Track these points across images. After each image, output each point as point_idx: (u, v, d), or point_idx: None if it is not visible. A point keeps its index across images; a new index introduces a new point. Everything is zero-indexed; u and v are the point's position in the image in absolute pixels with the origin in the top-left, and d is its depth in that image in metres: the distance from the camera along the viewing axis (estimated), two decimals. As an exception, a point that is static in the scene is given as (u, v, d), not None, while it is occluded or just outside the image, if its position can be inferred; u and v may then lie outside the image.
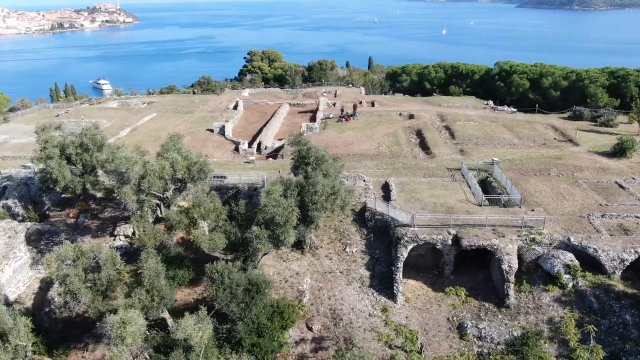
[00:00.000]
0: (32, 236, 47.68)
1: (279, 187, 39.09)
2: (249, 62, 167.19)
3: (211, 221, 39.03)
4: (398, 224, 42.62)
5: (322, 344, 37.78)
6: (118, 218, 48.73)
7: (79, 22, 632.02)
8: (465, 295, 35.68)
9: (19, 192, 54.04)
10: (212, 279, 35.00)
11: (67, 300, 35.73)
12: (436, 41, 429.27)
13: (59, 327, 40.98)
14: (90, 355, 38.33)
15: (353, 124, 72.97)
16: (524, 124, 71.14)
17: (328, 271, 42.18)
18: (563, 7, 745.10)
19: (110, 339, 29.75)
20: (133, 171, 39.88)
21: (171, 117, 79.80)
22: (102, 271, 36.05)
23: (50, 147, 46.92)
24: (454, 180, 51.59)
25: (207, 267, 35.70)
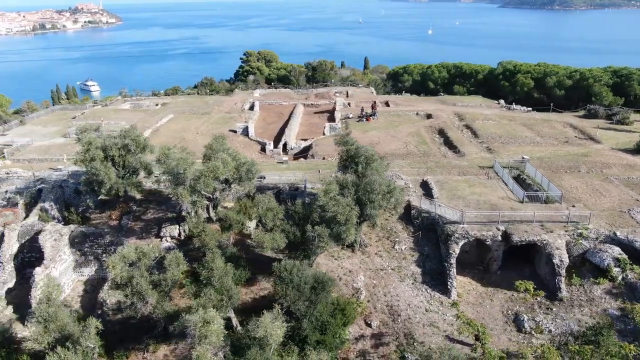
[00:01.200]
0: (76, 239, 47.56)
1: (335, 186, 39.70)
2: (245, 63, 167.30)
3: (269, 221, 39.34)
4: (446, 221, 43.53)
5: (382, 339, 38.42)
6: (162, 219, 48.79)
7: (61, 23, 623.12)
8: (533, 288, 36.59)
9: (55, 195, 53.70)
10: (280, 277, 35.41)
11: (133, 302, 35.90)
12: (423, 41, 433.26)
13: (115, 328, 40.95)
14: (151, 356, 38.40)
15: (374, 124, 73.82)
16: (542, 122, 72.69)
17: (380, 268, 42.88)
18: (544, 7, 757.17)
19: (194, 338, 30.00)
20: (189, 172, 40.09)
21: (189, 118, 79.73)
22: (167, 272, 36.26)
23: (93, 148, 46.77)
24: (489, 178, 52.66)
25: (275, 266, 36.13)
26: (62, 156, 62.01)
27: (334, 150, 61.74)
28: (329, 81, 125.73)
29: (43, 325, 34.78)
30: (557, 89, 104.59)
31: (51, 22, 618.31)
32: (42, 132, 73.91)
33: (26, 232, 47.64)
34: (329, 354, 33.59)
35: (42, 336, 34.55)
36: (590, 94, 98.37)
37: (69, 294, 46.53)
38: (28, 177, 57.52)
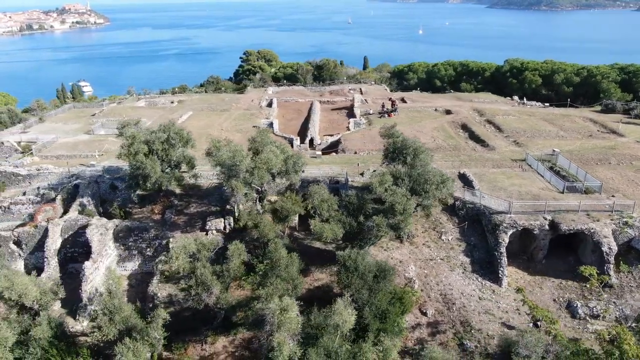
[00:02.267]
0: (120, 233, 47.44)
1: (389, 177, 40.20)
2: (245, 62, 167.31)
3: (325, 211, 39.64)
4: (493, 212, 44.24)
5: (438, 327, 38.94)
6: (205, 213, 48.89)
7: (49, 24, 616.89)
8: (597, 273, 37.39)
9: (91, 190, 53.50)
10: (345, 265, 35.79)
11: (198, 292, 36.03)
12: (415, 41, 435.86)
13: (168, 321, 40.92)
14: (210, 347, 38.51)
15: (396, 120, 74.30)
16: (561, 117, 73.86)
17: (429, 258, 43.43)
18: (531, 8, 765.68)
19: (272, 326, 30.27)
20: (243, 164, 40.29)
21: (209, 115, 79.71)
22: (230, 262, 36.46)
23: (137, 142, 46.74)
24: (524, 171, 53.52)
25: (339, 255, 36.53)
26: (94, 152, 61.74)
27: (364, 145, 62.63)
28: (336, 79, 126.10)
29: (108, 318, 34.88)
30: (565, 86, 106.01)
31: (38, 22, 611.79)
32: (64, 129, 73.40)
33: (70, 227, 47.53)
34: (395, 341, 33.97)
35: (107, 328, 34.62)
36: (599, 90, 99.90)
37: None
38: (60, 173, 57.30)
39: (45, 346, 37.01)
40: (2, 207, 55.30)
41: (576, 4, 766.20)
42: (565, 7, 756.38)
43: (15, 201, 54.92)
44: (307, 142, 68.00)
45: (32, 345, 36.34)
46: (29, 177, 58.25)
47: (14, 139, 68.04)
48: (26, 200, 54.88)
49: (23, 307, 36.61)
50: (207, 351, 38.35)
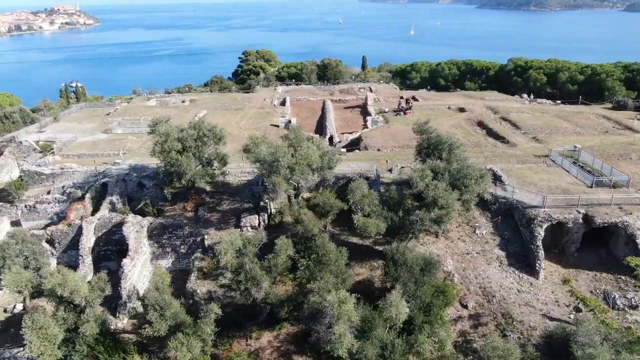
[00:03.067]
0: (155, 230, 47.49)
1: (429, 172, 40.65)
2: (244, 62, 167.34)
3: (366, 206, 39.97)
4: (526, 206, 44.89)
5: (479, 320, 39.46)
6: (238, 210, 49.05)
7: (37, 24, 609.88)
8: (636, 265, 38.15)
9: (119, 188, 53.43)
10: (393, 259, 36.18)
11: (247, 287, 36.20)
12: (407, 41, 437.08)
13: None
14: (255, 342, 38.63)
15: (412, 118, 74.82)
16: (575, 114, 74.89)
17: (465, 252, 43.97)
18: (520, 8, 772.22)
19: (332, 318, 30.56)
20: (285, 160, 40.53)
21: (224, 113, 79.73)
22: (278, 257, 36.68)
23: (171, 140, 46.79)
24: (548, 166, 54.29)
25: (386, 248, 36.92)
26: (116, 151, 61.56)
27: (386, 142, 63.14)
28: (341, 79, 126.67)
29: (159, 313, 34.94)
30: (569, 84, 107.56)
31: (27, 23, 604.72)
32: (80, 128, 73.06)
33: (103, 225, 47.48)
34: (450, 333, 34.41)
35: (158, 323, 34.67)
36: (603, 88, 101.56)
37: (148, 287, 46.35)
38: (85, 172, 57.16)
39: (91, 343, 37.03)
40: (27, 206, 55.10)
41: (564, 4, 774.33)
42: (553, 8, 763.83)
43: (41, 200, 54.74)
44: (326, 140, 68.28)
45: (78, 343, 36.33)
46: (53, 176, 58.05)
47: (32, 138, 67.61)
48: (52, 199, 54.70)
49: (69, 304, 36.52)
50: (252, 346, 38.47)
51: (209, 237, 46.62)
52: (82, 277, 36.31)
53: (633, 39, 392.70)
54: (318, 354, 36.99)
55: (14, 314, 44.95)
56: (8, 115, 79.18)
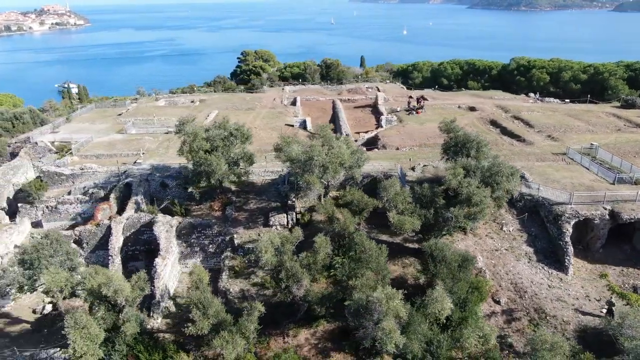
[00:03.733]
0: (183, 230, 47.59)
1: (460, 169, 41.16)
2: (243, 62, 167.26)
3: (400, 204, 40.37)
4: (553, 203, 45.53)
5: (512, 315, 40.00)
6: (265, 209, 49.28)
7: (27, 25, 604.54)
8: None
9: (143, 188, 53.45)
10: (432, 255, 36.63)
11: (288, 285, 36.45)
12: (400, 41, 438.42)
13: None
14: (292, 340, 38.84)
15: (425, 117, 75.59)
16: (585, 113, 75.88)
17: (494, 249, 44.52)
18: (511, 8, 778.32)
19: (381, 314, 30.93)
20: (320, 158, 40.84)
21: (237, 113, 79.56)
22: (317, 255, 36.97)
23: (199, 139, 46.92)
24: (568, 164, 55.07)
25: (424, 245, 37.32)
26: (134, 151, 61.51)
27: (403, 141, 63.66)
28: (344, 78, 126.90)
29: (202, 312, 35.08)
30: (572, 83, 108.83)
31: (16, 24, 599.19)
32: (93, 128, 72.81)
33: (132, 225, 47.53)
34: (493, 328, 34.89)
35: (201, 322, 34.81)
36: (606, 87, 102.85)
37: (177, 286, 46.54)
38: (106, 172, 57.13)
39: (130, 342, 37.11)
40: (49, 206, 55.03)
41: (554, 4, 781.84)
42: (543, 8, 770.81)
43: (63, 201, 54.70)
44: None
45: (117, 342, 36.37)
46: (72, 176, 57.96)
47: (47, 139, 67.32)
48: (74, 200, 54.67)
49: (109, 303, 36.54)
50: (289, 344, 38.66)
51: (238, 236, 46.83)
52: (122, 277, 36.24)
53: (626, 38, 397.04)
54: (356, 350, 37.51)
55: (44, 315, 44.89)
56: (18, 116, 78.59)
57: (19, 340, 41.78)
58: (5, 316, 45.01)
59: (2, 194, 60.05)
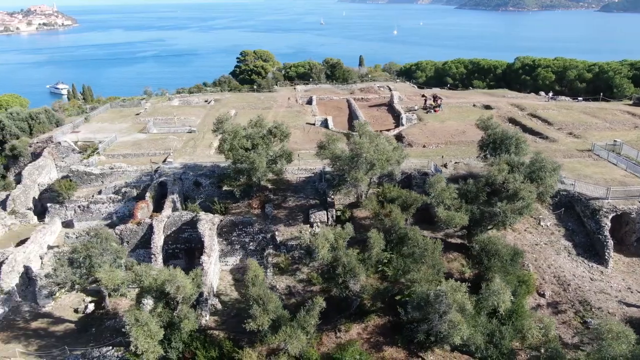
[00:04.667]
0: (224, 228, 47.74)
1: (505, 165, 41.90)
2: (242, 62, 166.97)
3: (447, 200, 40.95)
4: (589, 198, 46.48)
5: (558, 307, 40.86)
6: (304, 206, 49.64)
7: (14, 25, 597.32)
8: None
9: (178, 187, 53.51)
10: (485, 249, 37.28)
11: (345, 280, 36.87)
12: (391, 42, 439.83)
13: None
14: (344, 334, 39.23)
15: (443, 115, 76.39)
16: (599, 110, 77.18)
17: (534, 243, 45.34)
18: (499, 9, 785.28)
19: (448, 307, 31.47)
20: (368, 155, 41.32)
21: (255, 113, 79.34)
22: (372, 250, 37.44)
23: (240, 137, 47.15)
24: (595, 160, 56.13)
25: (478, 239, 38.02)
26: (164, 150, 61.61)
27: (428, 139, 64.42)
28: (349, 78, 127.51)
29: (262, 308, 35.35)
30: (577, 82, 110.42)
31: (3, 24, 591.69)
32: (113, 128, 72.58)
33: (173, 223, 47.64)
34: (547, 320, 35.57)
35: (262, 317, 35.10)
36: (611, 85, 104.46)
37: (219, 284, 46.67)
38: (135, 171, 57.14)
39: (186, 340, 37.27)
40: (81, 206, 54.90)
41: (541, 4, 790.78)
42: (531, 8, 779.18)
43: (95, 200, 54.60)
44: (365, 137, 69.04)
45: (174, 339, 36.52)
46: (102, 176, 57.81)
47: (70, 138, 66.94)
48: (106, 199, 54.61)
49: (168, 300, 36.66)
50: (342, 339, 39.06)
51: (279, 234, 47.14)
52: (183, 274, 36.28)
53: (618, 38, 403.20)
54: (408, 344, 38.10)
55: (86, 314, 44.73)
56: (34, 116, 77.86)
57: (65, 339, 41.71)
58: (47, 316, 44.83)
59: (29, 194, 59.84)
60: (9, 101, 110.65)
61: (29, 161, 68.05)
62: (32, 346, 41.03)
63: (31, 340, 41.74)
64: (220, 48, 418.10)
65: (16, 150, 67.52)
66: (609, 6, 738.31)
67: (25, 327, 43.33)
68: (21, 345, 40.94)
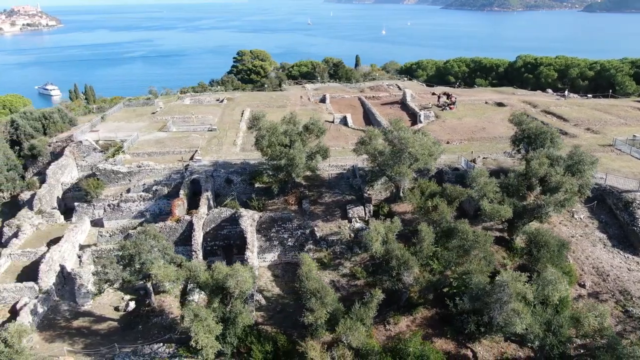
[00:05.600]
0: (264, 224, 47.91)
1: (545, 159, 42.74)
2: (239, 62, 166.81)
3: (490, 193, 41.63)
4: (621, 190, 47.58)
5: (598, 297, 41.75)
6: (341, 202, 50.04)
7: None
8: None
9: (210, 184, 53.56)
10: (535, 241, 38.05)
11: (399, 272, 37.34)
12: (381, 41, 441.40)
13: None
14: (393, 327, 39.75)
15: (459, 112, 77.31)
16: (610, 107, 78.75)
17: (570, 235, 46.24)
18: (484, 9, 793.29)
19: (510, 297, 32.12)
20: (414, 149, 41.87)
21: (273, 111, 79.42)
22: (423, 243, 37.97)
23: (278, 133, 47.40)
24: (618, 154, 57.39)
25: (523, 232, 38.72)
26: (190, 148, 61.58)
27: (450, 136, 65.26)
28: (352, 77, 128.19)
29: (320, 301, 35.68)
30: (579, 80, 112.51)
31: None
32: (131, 127, 72.21)
33: (212, 220, 47.75)
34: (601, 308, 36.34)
35: (320, 310, 35.44)
36: (613, 83, 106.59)
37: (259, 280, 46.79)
38: (163, 169, 57.07)
39: (240, 335, 37.45)
40: (111, 205, 54.68)
41: (525, 5, 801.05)
42: (515, 8, 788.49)
43: (126, 198, 54.40)
44: (386, 134, 69.64)
45: (228, 335, 36.68)
46: (129, 174, 57.60)
47: (91, 137, 66.44)
48: (137, 197, 54.45)
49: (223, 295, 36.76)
50: (391, 331, 39.59)
51: (318, 229, 47.47)
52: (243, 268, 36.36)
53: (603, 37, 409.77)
54: (457, 335, 38.74)
55: (128, 312, 44.52)
56: (47, 116, 77.06)
57: (111, 337, 41.54)
58: (88, 315, 44.55)
59: (53, 193, 59.41)
60: (13, 101, 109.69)
61: (47, 161, 67.57)
62: (77, 345, 40.76)
63: (75, 339, 41.44)
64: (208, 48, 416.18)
65: (35, 149, 66.86)
66: (592, 6, 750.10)
67: (67, 326, 43.00)
68: (66, 344, 40.71)
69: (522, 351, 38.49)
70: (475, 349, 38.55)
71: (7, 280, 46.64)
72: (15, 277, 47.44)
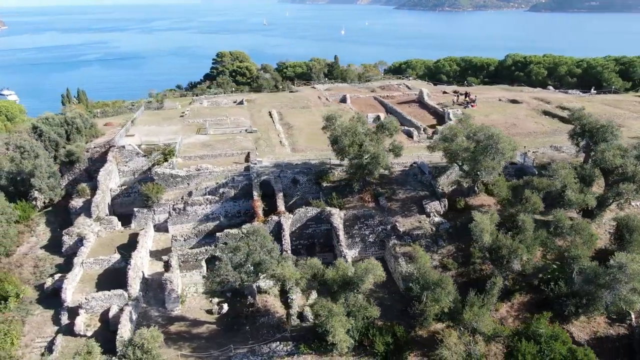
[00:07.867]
0: (347, 222, 49.07)
1: (617, 151, 45.98)
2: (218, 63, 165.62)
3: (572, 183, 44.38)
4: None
5: None
6: (415, 197, 51.76)
7: None
8: None
9: (279, 185, 54.16)
10: (627, 226, 41.12)
11: (509, 260, 39.52)
12: (342, 41, 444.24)
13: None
14: (495, 314, 41.77)
15: (481, 110, 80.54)
16: (619, 102, 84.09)
17: (612, 226, 49.73)
18: (436, 9, 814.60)
19: (629, 278, 34.83)
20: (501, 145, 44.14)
21: (298, 112, 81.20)
22: (526, 232, 40.29)
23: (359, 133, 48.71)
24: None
25: (617, 217, 41.67)
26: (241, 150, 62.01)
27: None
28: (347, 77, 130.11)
29: (446, 291, 37.31)
30: (568, 77, 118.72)
31: None
32: (164, 130, 71.40)
33: (298, 220, 48.49)
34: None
35: (444, 299, 37.06)
36: (600, 80, 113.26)
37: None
38: (222, 172, 57.19)
39: (360, 328, 38.62)
40: (176, 209, 54.51)
41: (475, 5, 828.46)
42: (465, 8, 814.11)
43: (192, 202, 54.37)
44: (422, 131, 72.03)
45: (352, 329, 37.79)
46: (188, 178, 57.41)
47: (133, 142, 65.35)
48: (204, 201, 54.51)
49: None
50: (494, 317, 41.64)
51: (399, 224, 49.03)
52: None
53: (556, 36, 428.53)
54: (555, 317, 41.29)
55: (222, 314, 44.61)
56: (70, 122, 74.89)
57: (216, 339, 41.76)
58: (181, 319, 44.47)
59: (105, 200, 58.41)
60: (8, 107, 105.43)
61: (85, 167, 66.10)
62: (184, 349, 40.81)
63: (180, 344, 41.46)
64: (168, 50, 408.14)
65: (73, 155, 65.11)
66: (537, 6, 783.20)
67: (165, 332, 42.51)
68: (172, 349, 40.66)
69: (612, 329, 41.57)
70: (570, 329, 41.20)
71: (86, 290, 46.02)
72: (93, 286, 46.79)
